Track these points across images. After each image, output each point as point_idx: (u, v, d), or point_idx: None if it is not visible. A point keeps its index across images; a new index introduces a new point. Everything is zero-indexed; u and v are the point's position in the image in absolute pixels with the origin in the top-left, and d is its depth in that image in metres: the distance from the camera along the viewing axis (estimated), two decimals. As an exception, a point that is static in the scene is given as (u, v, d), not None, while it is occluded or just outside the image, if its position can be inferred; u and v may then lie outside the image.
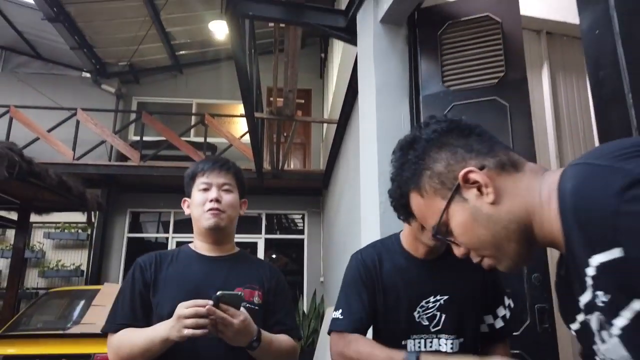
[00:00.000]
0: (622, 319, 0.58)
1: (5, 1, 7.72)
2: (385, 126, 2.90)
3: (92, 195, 6.07)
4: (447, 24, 3.00)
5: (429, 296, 1.34)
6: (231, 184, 1.52)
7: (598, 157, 0.60)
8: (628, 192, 0.52)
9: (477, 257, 0.81)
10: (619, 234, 0.52)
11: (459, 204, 0.78)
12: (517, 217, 0.74)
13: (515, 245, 0.75)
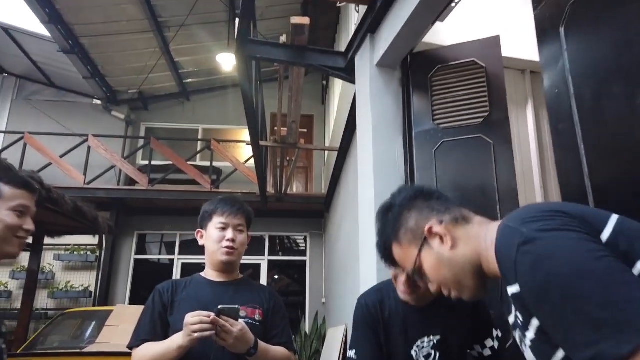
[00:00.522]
0: (531, 332, 0.84)
1: (21, 33, 8.13)
2: (381, 160, 3.18)
3: (103, 220, 6.34)
4: (436, 68, 3.31)
5: (423, 337, 1.56)
6: (243, 225, 1.76)
7: (513, 221, 0.87)
8: (522, 247, 0.78)
9: (445, 291, 1.06)
10: (517, 275, 0.79)
11: (428, 251, 1.04)
12: (469, 259, 0.99)
13: (472, 280, 1.00)
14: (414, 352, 1.56)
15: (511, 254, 0.80)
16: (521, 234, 0.79)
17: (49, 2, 6.65)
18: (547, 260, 0.74)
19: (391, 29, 3.11)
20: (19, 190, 1.30)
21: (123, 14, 7.27)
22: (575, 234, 0.76)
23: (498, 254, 0.87)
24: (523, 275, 0.77)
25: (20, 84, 9.86)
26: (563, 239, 0.76)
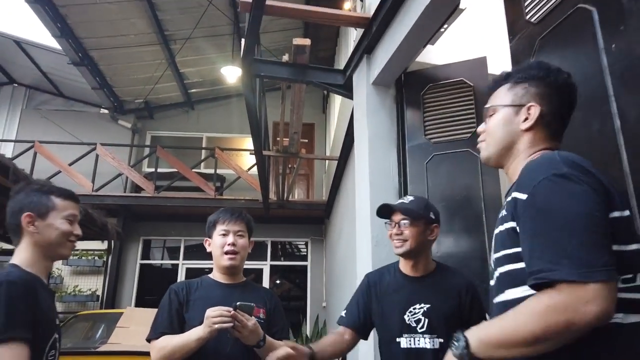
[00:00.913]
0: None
1: (32, 46, 8.42)
2: (376, 171, 3.43)
3: (112, 226, 6.60)
4: (428, 86, 3.56)
5: (415, 304, 1.83)
6: (243, 231, 1.98)
7: (564, 157, 1.03)
8: (553, 176, 0.96)
9: (482, 137, 1.27)
10: (533, 189, 0.98)
11: (512, 111, 1.20)
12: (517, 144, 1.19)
13: (499, 150, 1.22)
14: (407, 317, 1.81)
15: (540, 173, 1.00)
16: (560, 168, 0.99)
17: (61, 17, 6.93)
18: (563, 192, 0.96)
19: (386, 51, 3.37)
20: (68, 202, 1.56)
21: (132, 28, 7.56)
22: (592, 191, 0.96)
23: (530, 167, 1.06)
24: (538, 193, 0.98)
25: (30, 94, 10.15)
26: (583, 193, 0.95)
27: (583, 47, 1.86)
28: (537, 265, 0.93)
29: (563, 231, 0.92)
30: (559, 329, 0.88)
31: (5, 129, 9.71)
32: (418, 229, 1.88)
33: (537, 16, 2.13)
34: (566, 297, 0.88)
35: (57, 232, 1.49)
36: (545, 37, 2.06)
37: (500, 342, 0.97)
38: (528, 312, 0.93)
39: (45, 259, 1.51)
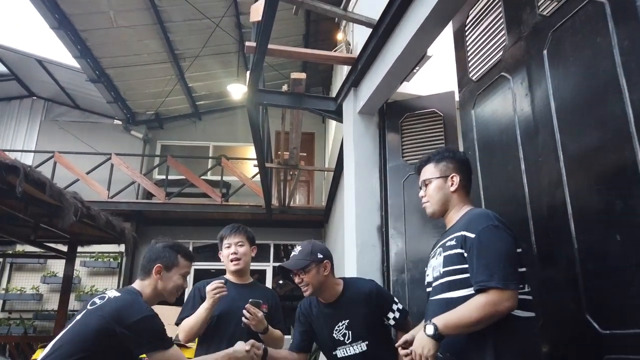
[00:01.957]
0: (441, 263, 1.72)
1: (52, 64, 9.10)
2: (361, 189, 4.04)
3: (128, 231, 7.24)
4: (405, 115, 4.18)
5: (338, 322, 2.27)
6: (243, 240, 2.55)
7: (491, 215, 1.67)
8: (491, 224, 1.61)
9: (425, 199, 1.89)
10: (479, 231, 1.59)
11: (441, 180, 1.85)
12: (449, 202, 1.84)
13: (439, 208, 1.85)
14: (335, 334, 2.27)
15: (483, 223, 1.63)
16: (494, 221, 1.63)
17: (81, 40, 7.59)
18: (496, 236, 1.60)
19: (369, 86, 3.98)
20: (188, 262, 2.09)
21: (145, 48, 8.21)
22: (511, 238, 1.62)
23: (473, 217, 1.70)
24: (482, 235, 1.60)
25: (48, 106, 10.82)
26: (507, 238, 1.61)
27: (503, 103, 2.47)
28: (479, 278, 1.56)
29: (495, 259, 1.57)
30: (490, 315, 1.51)
31: (26, 140, 10.39)
32: (311, 273, 2.23)
33: (477, 76, 2.75)
34: (495, 297, 1.51)
35: (174, 284, 2.03)
36: (481, 93, 2.68)
37: (457, 324, 1.55)
38: (473, 306, 1.53)
39: (157, 298, 2.03)
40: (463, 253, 1.65)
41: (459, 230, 1.71)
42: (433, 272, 1.82)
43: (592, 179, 1.84)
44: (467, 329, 1.55)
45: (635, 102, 1.67)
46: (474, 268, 1.59)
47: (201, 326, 2.28)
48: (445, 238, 1.82)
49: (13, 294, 9.10)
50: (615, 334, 1.70)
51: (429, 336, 1.55)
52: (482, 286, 1.53)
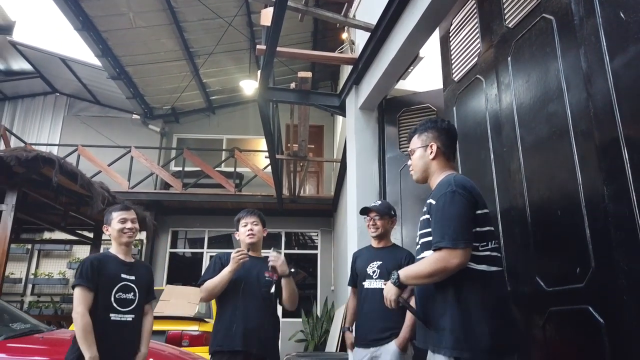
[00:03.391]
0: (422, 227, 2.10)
1: (74, 62, 9.62)
2: (362, 178, 4.46)
3: (149, 219, 7.75)
4: (402, 110, 4.58)
5: (373, 262, 2.95)
6: (257, 221, 2.94)
7: (455, 180, 1.91)
8: (449, 190, 1.83)
9: (411, 167, 2.16)
10: (438, 196, 1.85)
11: (423, 149, 2.06)
12: (429, 168, 2.05)
13: (421, 174, 2.08)
14: (368, 269, 2.94)
15: (442, 190, 1.88)
16: (452, 187, 1.87)
17: (103, 40, 8.07)
18: (450, 201, 1.84)
19: (369, 84, 4.39)
20: (118, 212, 2.68)
21: (162, 47, 8.67)
22: (466, 200, 1.85)
23: (438, 186, 1.96)
24: (439, 200, 1.85)
25: (70, 102, 11.39)
26: (459, 202, 1.83)
27: (477, 102, 2.87)
28: (434, 239, 1.78)
29: (446, 221, 1.83)
30: (441, 270, 1.73)
31: (50, 134, 10.97)
32: (384, 221, 3.02)
33: (458, 77, 3.15)
34: (444, 255, 1.72)
35: (114, 230, 2.63)
36: (461, 92, 3.08)
37: (414, 276, 1.84)
38: (427, 262, 1.78)
39: (116, 243, 2.67)
40: (429, 218, 1.92)
41: (429, 198, 1.96)
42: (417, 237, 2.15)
43: (543, 166, 2.24)
44: (422, 281, 1.85)
45: (572, 103, 2.07)
46: (432, 231, 1.86)
47: (222, 286, 2.65)
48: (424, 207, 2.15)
49: (41, 278, 9.72)
50: (556, 290, 2.11)
51: (392, 283, 1.89)
52: (435, 246, 1.78)
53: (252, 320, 2.59)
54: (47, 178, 5.36)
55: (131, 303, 2.56)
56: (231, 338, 2.57)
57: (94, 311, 2.43)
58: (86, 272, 2.47)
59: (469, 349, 1.70)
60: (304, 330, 9.35)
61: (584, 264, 1.94)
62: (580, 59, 2.00)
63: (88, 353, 2.31)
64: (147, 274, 2.78)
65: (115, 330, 2.47)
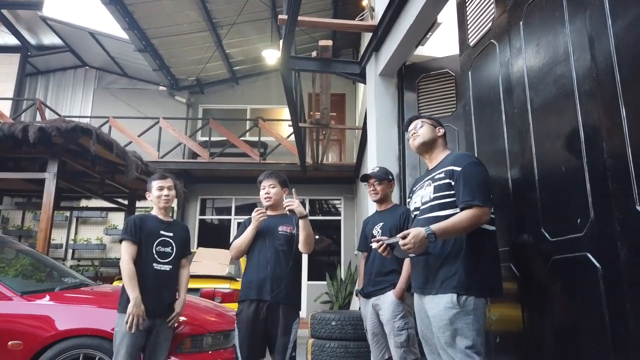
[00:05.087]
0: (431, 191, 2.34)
1: (102, 36, 9.89)
2: (381, 143, 4.63)
3: (179, 186, 8.10)
4: (421, 76, 4.69)
5: (378, 223, 3.20)
6: (274, 183, 3.08)
7: (468, 154, 2.34)
8: (473, 160, 2.28)
9: (413, 136, 2.48)
10: (464, 165, 2.22)
11: (432, 127, 2.47)
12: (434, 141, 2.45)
13: (423, 147, 2.45)
14: (374, 231, 3.21)
15: (466, 160, 2.25)
16: (474, 159, 2.28)
17: (129, 13, 8.28)
18: (477, 169, 2.21)
19: (388, 51, 4.50)
20: (158, 180, 2.97)
21: (186, 18, 8.83)
22: (486, 170, 2.25)
23: (458, 156, 2.30)
24: (467, 166, 2.21)
25: (100, 75, 11.74)
26: (483, 170, 2.24)
27: (491, 66, 2.98)
28: (465, 198, 2.14)
29: (476, 185, 2.16)
30: (474, 225, 2.10)
31: (82, 106, 11.38)
32: (383, 185, 3.30)
33: (473, 42, 3.25)
34: (478, 212, 2.10)
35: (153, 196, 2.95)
36: (476, 57, 3.19)
37: (450, 230, 2.08)
38: (463, 217, 2.09)
39: (156, 208, 2.99)
40: (450, 182, 2.24)
41: (447, 166, 2.28)
42: (422, 199, 2.38)
43: (550, 126, 2.38)
44: (454, 234, 2.13)
45: (577, 65, 2.19)
46: (460, 192, 2.17)
47: (247, 244, 2.90)
48: (432, 173, 2.38)
49: (80, 244, 10.30)
50: (559, 240, 2.29)
51: (425, 236, 2.03)
52: (467, 204, 2.12)
53: (265, 271, 2.82)
54: (85, 148, 5.70)
55: (169, 255, 2.92)
56: (248, 288, 2.84)
57: (139, 261, 2.80)
58: (130, 228, 2.84)
59: (469, 288, 2.09)
60: (329, 293, 9.73)
61: (584, 215, 2.10)
62: (585, 22, 2.11)
63: (132, 294, 2.69)
64: (183, 232, 3.12)
65: (157, 278, 2.84)
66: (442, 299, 2.11)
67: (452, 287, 2.09)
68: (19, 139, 5.11)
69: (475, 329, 2.07)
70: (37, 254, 4.49)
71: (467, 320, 2.06)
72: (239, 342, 2.75)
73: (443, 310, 2.11)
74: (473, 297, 2.09)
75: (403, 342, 3.06)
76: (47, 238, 5.64)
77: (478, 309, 2.10)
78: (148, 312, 2.73)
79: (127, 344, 2.67)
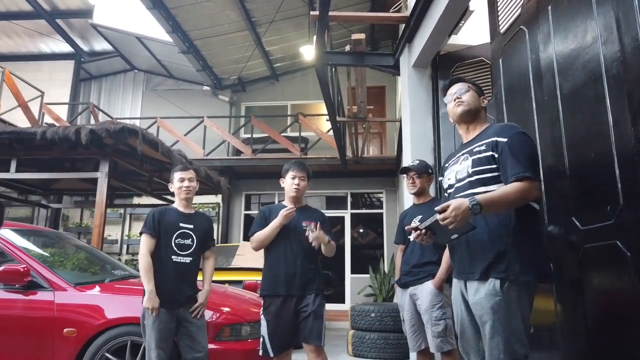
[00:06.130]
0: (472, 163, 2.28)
1: (149, 40, 10.32)
2: (416, 135, 4.62)
3: (223, 183, 8.38)
4: (456, 65, 4.63)
5: (418, 216, 3.11)
6: (304, 176, 3.11)
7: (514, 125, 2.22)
8: (520, 131, 2.06)
9: (457, 103, 2.20)
10: (510, 135, 2.01)
11: (477, 95, 2.27)
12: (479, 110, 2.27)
13: (467, 115, 2.21)
14: (412, 224, 3.11)
15: (513, 130, 2.08)
16: (520, 130, 2.09)
17: (172, 17, 8.60)
18: (526, 141, 2.04)
19: (420, 41, 4.48)
20: (180, 172, 3.07)
21: (225, 19, 9.07)
22: (534, 143, 2.10)
23: (503, 127, 2.15)
24: (514, 137, 1.99)
25: (147, 78, 12.27)
26: (531, 142, 2.06)
27: (521, 53, 2.92)
28: (515, 170, 1.91)
29: (527, 156, 2.01)
30: (523, 199, 1.89)
31: (132, 108, 11.94)
32: (422, 179, 3.30)
33: (503, 28, 3.19)
34: (529, 185, 1.88)
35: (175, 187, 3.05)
36: (507, 44, 3.14)
37: (498, 203, 1.87)
38: (513, 189, 1.88)
39: (178, 198, 3.09)
40: (493, 155, 2.01)
41: (489, 138, 2.06)
42: (457, 175, 2.18)
43: (579, 112, 2.32)
44: (503, 209, 1.91)
45: (605, 48, 2.13)
46: (507, 164, 1.95)
47: (271, 238, 2.93)
48: (470, 146, 2.17)
49: (134, 239, 10.83)
50: (589, 228, 2.24)
51: (469, 207, 1.80)
52: (518, 176, 1.89)
53: (294, 266, 2.88)
54: (133, 148, 6.01)
55: (189, 248, 2.98)
56: (275, 283, 2.89)
57: (158, 254, 2.90)
58: (149, 222, 2.94)
59: (516, 272, 1.91)
60: (372, 286, 9.76)
61: (613, 202, 2.05)
62: (612, 4, 2.05)
63: (147, 287, 2.81)
64: (205, 223, 3.18)
65: (176, 270, 2.91)
66: (485, 286, 1.94)
67: (499, 272, 1.90)
68: (72, 141, 5.45)
69: (521, 316, 1.92)
70: (92, 249, 4.81)
71: (513, 308, 1.90)
72: (269, 335, 2.84)
73: (484, 297, 1.94)
74: (518, 282, 1.91)
75: (440, 331, 3.08)
76: (101, 234, 6.00)
77: (523, 295, 1.92)
78: (167, 303, 2.81)
79: (156, 337, 2.77)
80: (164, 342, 2.79)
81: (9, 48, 11.32)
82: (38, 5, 9.60)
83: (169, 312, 2.82)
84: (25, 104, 8.71)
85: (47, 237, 4.38)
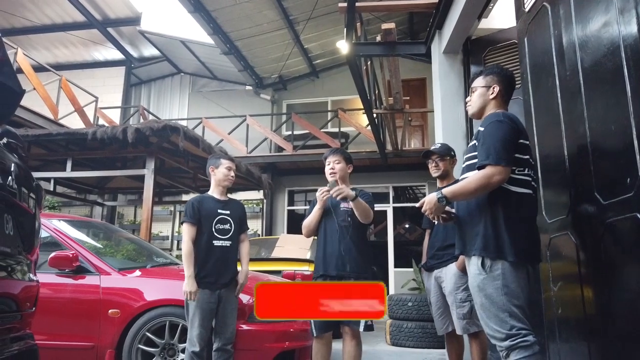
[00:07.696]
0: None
1: (192, 43, 10.73)
2: (447, 121, 4.59)
3: (265, 179, 8.59)
4: (488, 49, 4.55)
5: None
6: (339, 159, 3.16)
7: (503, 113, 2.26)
8: (495, 119, 2.15)
9: (469, 101, 2.42)
10: (486, 124, 2.17)
11: (485, 89, 2.33)
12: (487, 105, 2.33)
13: (478, 109, 2.35)
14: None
15: (490, 119, 2.18)
16: (499, 118, 2.17)
17: (213, 19, 8.91)
18: (497, 127, 2.12)
19: (449, 27, 4.44)
20: (226, 160, 3.20)
21: (264, 18, 9.28)
22: (510, 128, 2.13)
23: (487, 117, 2.24)
24: (488, 126, 2.13)
25: (193, 80, 12.75)
26: (504, 127, 2.11)
27: (544, 30, 2.86)
28: (480, 158, 2.09)
29: (492, 143, 2.09)
30: (484, 186, 2.05)
31: (179, 109, 12.45)
32: (445, 162, 3.28)
33: (528, 7, 3.13)
34: (488, 171, 2.05)
35: (220, 173, 3.17)
36: (531, 22, 3.08)
37: (459, 192, 2.12)
38: (472, 179, 2.08)
39: (218, 186, 3.23)
40: (475, 143, 2.22)
41: (479, 127, 2.24)
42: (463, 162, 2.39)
43: (599, 85, 2.27)
44: (467, 196, 2.13)
45: (623, 21, 2.07)
46: (478, 154, 2.15)
47: (315, 222, 3.06)
48: None
49: (183, 235, 11.28)
50: (611, 202, 2.19)
51: (437, 200, 2.13)
52: (480, 164, 2.07)
53: (330, 246, 2.97)
54: (176, 145, 6.30)
55: (228, 232, 3.16)
56: (317, 265, 3.03)
57: (201, 240, 3.08)
58: (189, 211, 3.12)
59: (493, 251, 2.04)
60: (416, 279, 9.68)
61: (633, 174, 1.99)
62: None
63: (187, 272, 2.99)
64: (239, 209, 3.35)
65: (219, 253, 3.10)
66: (472, 262, 2.12)
67: (476, 249, 2.08)
68: (120, 140, 5.80)
69: (505, 293, 2.01)
70: (140, 241, 5.11)
71: (495, 285, 2.02)
72: None
73: (472, 277, 2.12)
74: (500, 260, 2.04)
75: (466, 313, 3.07)
76: (148, 227, 6.34)
77: (507, 273, 2.03)
78: (212, 284, 3.01)
79: (200, 316, 2.94)
80: (206, 320, 2.97)
81: (65, 57, 12.11)
82: (90, 15, 10.22)
83: (212, 292, 3.01)
84: (81, 109, 9.30)
85: (95, 227, 4.70)
